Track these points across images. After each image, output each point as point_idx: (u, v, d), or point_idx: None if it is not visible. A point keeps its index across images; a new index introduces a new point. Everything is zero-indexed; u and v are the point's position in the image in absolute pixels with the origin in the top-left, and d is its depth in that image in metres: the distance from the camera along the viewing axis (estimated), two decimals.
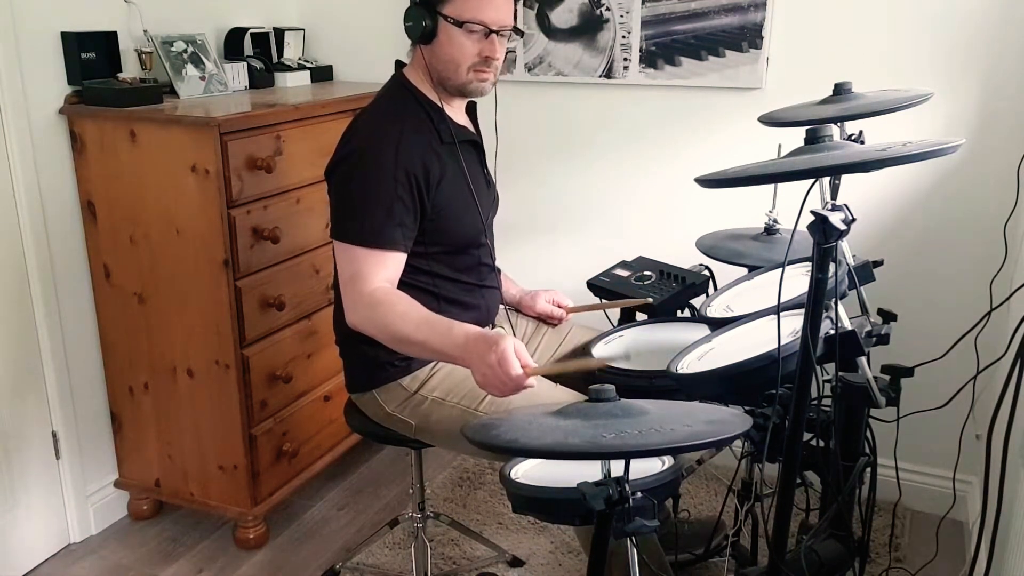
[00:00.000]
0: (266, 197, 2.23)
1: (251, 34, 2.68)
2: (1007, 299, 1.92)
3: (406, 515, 2.22)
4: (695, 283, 2.04)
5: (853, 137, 1.67)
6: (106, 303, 2.32)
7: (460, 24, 1.67)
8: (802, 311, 1.33)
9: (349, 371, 1.89)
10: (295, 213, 2.33)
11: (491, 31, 1.69)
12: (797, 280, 1.69)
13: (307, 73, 2.81)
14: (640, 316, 2.04)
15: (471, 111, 1.92)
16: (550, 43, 2.62)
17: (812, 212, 1.26)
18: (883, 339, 1.59)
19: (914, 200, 2.33)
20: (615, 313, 2.09)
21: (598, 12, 2.53)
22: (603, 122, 2.63)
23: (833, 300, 1.40)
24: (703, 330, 1.73)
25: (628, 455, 1.12)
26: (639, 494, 1.17)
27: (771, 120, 1.75)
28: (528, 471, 1.45)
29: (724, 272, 2.03)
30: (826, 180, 1.48)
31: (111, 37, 2.24)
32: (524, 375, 1.45)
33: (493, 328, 1.92)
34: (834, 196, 1.46)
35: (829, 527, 1.61)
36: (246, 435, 2.26)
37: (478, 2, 1.67)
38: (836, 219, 1.24)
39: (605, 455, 1.12)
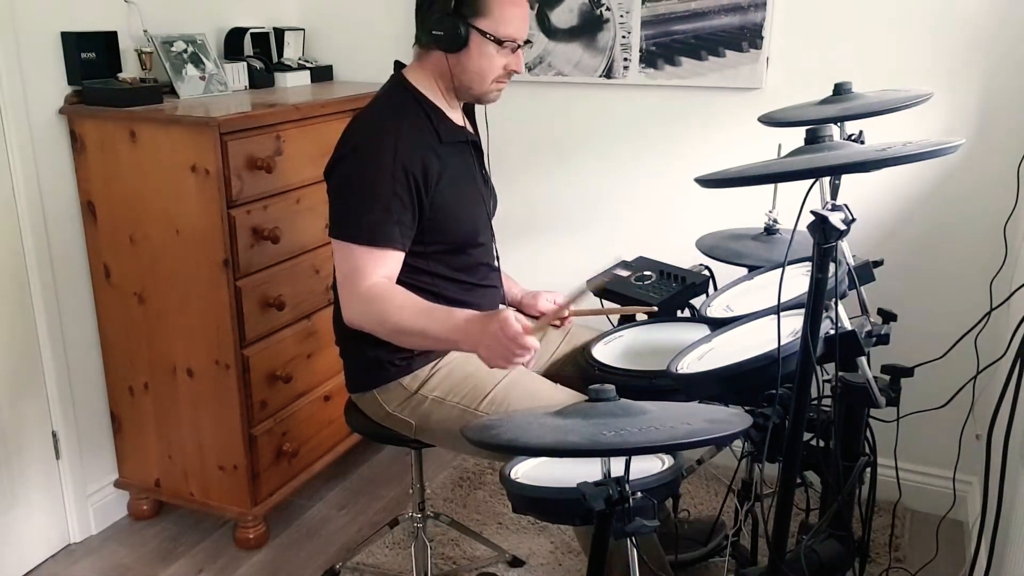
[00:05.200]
0: (266, 197, 2.23)
1: (251, 34, 2.68)
2: (1007, 299, 1.92)
3: (406, 515, 2.22)
4: (695, 283, 2.04)
5: (853, 137, 1.67)
6: (106, 303, 2.32)
7: (499, 41, 1.70)
8: (802, 311, 1.33)
9: (349, 371, 1.88)
10: (295, 213, 2.33)
11: (518, 46, 1.74)
12: (797, 280, 1.69)
13: (307, 73, 2.80)
14: (640, 316, 2.04)
15: (469, 112, 1.93)
16: (550, 43, 2.62)
17: (812, 212, 1.27)
18: (883, 339, 1.59)
19: (914, 200, 2.33)
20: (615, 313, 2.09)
21: (598, 12, 2.53)
22: (603, 122, 2.63)
23: (833, 300, 1.40)
24: (703, 330, 1.73)
25: (628, 452, 1.12)
26: (639, 494, 1.17)
27: (771, 120, 1.75)
28: (528, 471, 1.45)
29: (724, 272, 2.03)
30: (826, 180, 1.48)
31: (111, 37, 2.24)
32: (524, 332, 1.48)
33: None
34: (834, 196, 1.46)
35: (829, 527, 1.61)
36: (246, 435, 2.26)
37: (514, 21, 1.71)
38: (836, 219, 1.24)
39: (605, 452, 1.12)
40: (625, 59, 2.54)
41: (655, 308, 1.94)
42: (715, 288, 2.05)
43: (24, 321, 2.18)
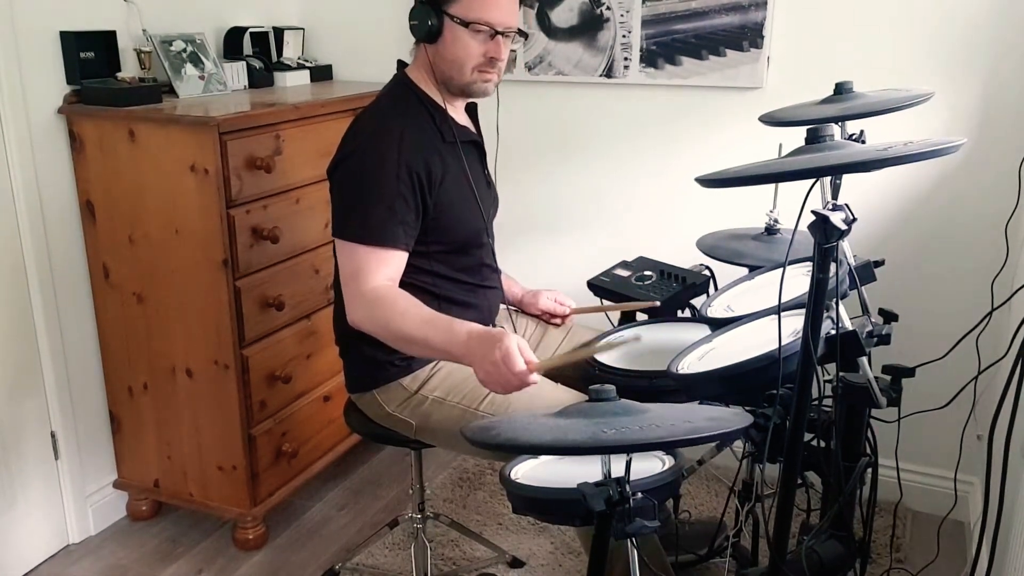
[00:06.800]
0: (265, 197, 2.22)
1: (250, 33, 2.68)
2: (1008, 299, 1.92)
3: (406, 516, 2.21)
4: (696, 283, 2.03)
5: (854, 137, 1.67)
6: (105, 303, 2.32)
7: (466, 24, 1.67)
8: (803, 311, 1.32)
9: (349, 371, 1.88)
10: (294, 213, 2.33)
11: (496, 32, 1.69)
12: (798, 280, 1.69)
13: (306, 72, 2.80)
14: (641, 316, 2.04)
15: (472, 111, 1.92)
16: (550, 42, 2.62)
17: (813, 212, 1.26)
18: (884, 339, 1.58)
19: (915, 200, 2.32)
20: (616, 313, 2.09)
21: (598, 11, 2.53)
22: (603, 122, 2.63)
23: (834, 300, 1.39)
24: (704, 330, 1.72)
25: (628, 449, 1.11)
26: (639, 494, 1.17)
27: (772, 119, 1.75)
28: (528, 472, 1.44)
29: (725, 272, 2.02)
30: (827, 180, 1.47)
31: (110, 36, 2.24)
32: (528, 371, 1.44)
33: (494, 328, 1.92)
34: (835, 196, 1.45)
35: (830, 528, 1.61)
36: (245, 435, 2.26)
37: (484, 3, 1.67)
38: (837, 219, 1.24)
39: (605, 449, 1.12)
40: (625, 58, 2.53)
41: (657, 303, 1.94)
42: (715, 288, 2.05)
43: (23, 321, 2.17)
